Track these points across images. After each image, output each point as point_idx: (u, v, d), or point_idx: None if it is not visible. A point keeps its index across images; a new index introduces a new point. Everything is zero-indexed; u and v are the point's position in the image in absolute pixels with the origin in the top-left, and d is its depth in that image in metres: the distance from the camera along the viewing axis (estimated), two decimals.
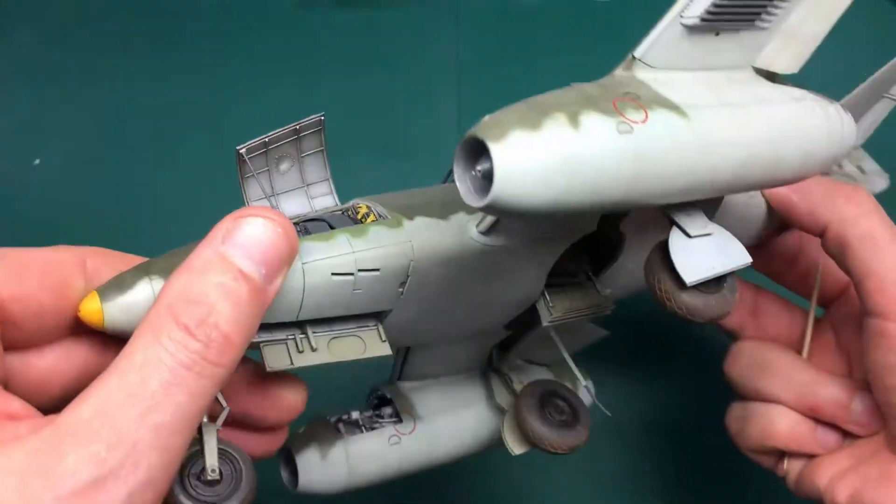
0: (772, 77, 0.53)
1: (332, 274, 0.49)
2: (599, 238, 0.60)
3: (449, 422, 0.65)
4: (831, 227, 0.61)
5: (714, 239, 0.49)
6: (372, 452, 0.61)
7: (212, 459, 0.45)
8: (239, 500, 0.45)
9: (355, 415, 0.63)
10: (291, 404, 0.54)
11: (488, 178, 0.39)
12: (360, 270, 0.50)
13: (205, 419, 0.46)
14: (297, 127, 0.51)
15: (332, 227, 0.52)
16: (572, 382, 0.66)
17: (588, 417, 0.62)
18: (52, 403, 0.47)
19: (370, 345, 0.53)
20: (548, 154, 0.40)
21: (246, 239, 0.44)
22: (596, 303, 0.60)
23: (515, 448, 0.62)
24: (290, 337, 0.50)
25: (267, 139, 0.51)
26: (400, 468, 0.63)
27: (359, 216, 0.54)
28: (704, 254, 0.49)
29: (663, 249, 0.49)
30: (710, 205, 0.52)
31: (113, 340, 0.47)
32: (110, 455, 0.38)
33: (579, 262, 0.62)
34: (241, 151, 0.50)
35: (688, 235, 0.48)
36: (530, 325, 0.63)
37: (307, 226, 0.52)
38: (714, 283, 0.49)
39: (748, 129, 0.48)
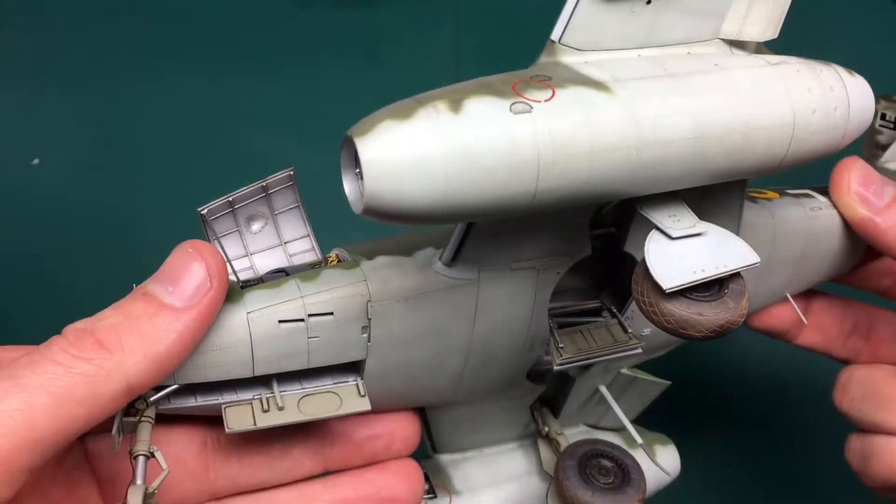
0: (754, 49, 0.48)
1: (280, 322, 0.46)
2: (623, 269, 0.54)
3: (491, 496, 0.59)
4: None
5: (706, 239, 0.43)
6: None
7: None
8: None
9: None
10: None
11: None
12: (310, 315, 0.46)
13: (138, 481, 0.42)
14: (265, 184, 0.48)
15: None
16: (647, 446, 0.58)
17: (642, 479, 0.54)
18: None
19: (347, 400, 0.48)
20: (420, 142, 0.36)
21: (164, 266, 0.45)
22: (617, 340, 0.53)
23: None
24: (256, 397, 0.47)
25: (231, 199, 0.47)
26: None
27: (328, 265, 0.50)
28: (689, 256, 0.42)
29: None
30: (720, 201, 0.46)
31: None
32: None
33: (605, 300, 0.56)
34: (202, 213, 0.47)
35: (669, 237, 0.43)
36: (562, 378, 0.57)
37: (263, 277, 0.49)
38: (711, 289, 0.43)
39: (697, 96, 0.42)
